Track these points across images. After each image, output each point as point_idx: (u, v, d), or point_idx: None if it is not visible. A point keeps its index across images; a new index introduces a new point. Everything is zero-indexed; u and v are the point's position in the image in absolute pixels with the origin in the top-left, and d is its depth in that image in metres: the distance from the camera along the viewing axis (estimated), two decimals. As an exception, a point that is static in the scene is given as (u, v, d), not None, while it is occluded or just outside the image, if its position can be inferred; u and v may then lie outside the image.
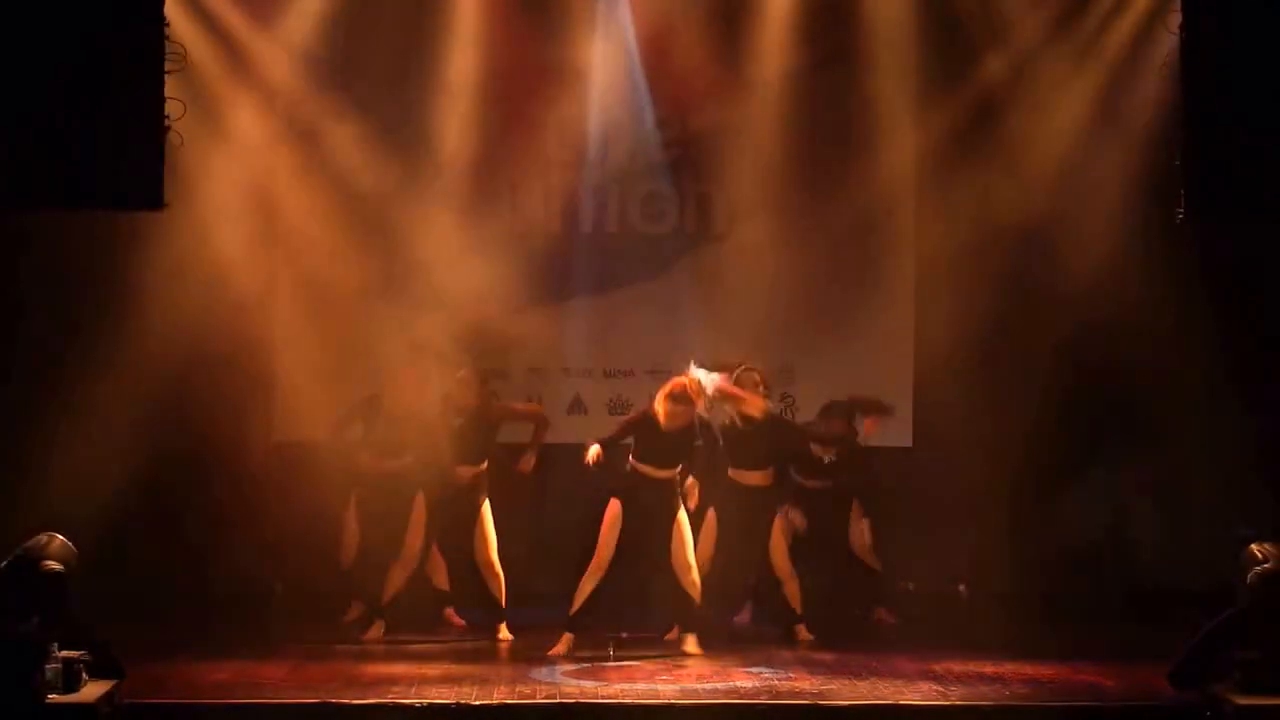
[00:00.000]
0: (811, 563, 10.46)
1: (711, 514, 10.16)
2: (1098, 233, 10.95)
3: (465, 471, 10.24)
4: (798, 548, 10.38)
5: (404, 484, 10.12)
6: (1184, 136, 8.23)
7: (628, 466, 9.79)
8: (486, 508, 10.28)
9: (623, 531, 9.74)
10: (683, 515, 9.76)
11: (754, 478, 10.12)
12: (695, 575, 9.74)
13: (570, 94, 11.51)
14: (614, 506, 9.76)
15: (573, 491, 10.82)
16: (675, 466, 9.82)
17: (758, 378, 10.06)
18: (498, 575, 10.23)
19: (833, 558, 10.73)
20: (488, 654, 9.54)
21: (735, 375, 10.00)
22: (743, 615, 10.68)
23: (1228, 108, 8.24)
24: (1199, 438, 10.63)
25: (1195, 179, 8.24)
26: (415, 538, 10.11)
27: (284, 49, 11.12)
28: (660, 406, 9.70)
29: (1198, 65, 8.24)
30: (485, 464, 10.36)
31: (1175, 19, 8.31)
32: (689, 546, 9.73)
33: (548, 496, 11.44)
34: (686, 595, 9.74)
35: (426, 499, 10.12)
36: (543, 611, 10.70)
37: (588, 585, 9.69)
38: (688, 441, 9.79)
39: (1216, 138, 8.23)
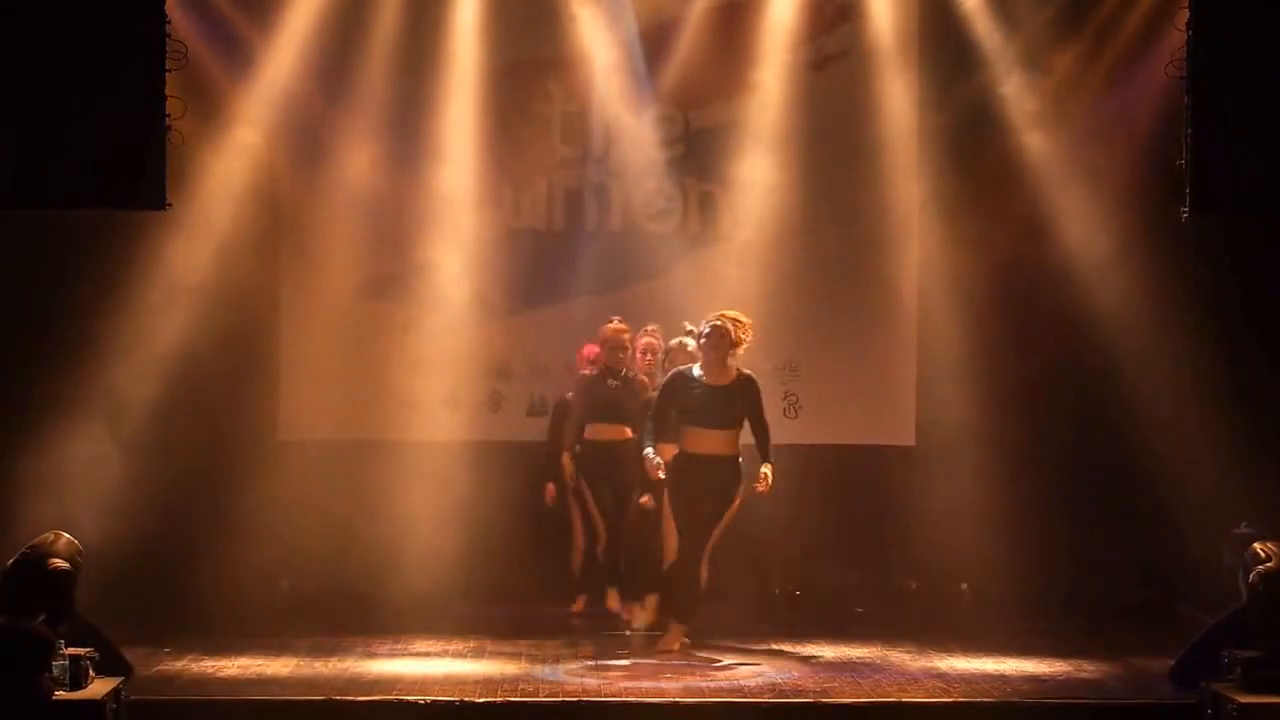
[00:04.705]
0: None
1: None
2: (1101, 230, 10.97)
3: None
4: None
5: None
6: (1190, 134, 8.22)
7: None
8: None
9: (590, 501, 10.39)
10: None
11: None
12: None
13: (573, 90, 11.52)
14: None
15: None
16: (621, 422, 10.16)
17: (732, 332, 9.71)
18: None
19: None
20: (492, 653, 9.55)
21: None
22: None
23: (1234, 106, 8.21)
24: (1202, 435, 10.62)
25: (1200, 177, 8.23)
26: None
27: (285, 46, 11.10)
28: None
29: (1205, 63, 8.21)
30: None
31: (1183, 16, 8.30)
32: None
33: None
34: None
35: None
36: (546, 610, 10.75)
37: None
38: (624, 395, 10.21)
39: (1222, 136, 8.21)
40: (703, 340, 9.54)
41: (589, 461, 10.43)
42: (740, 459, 9.50)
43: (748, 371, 9.56)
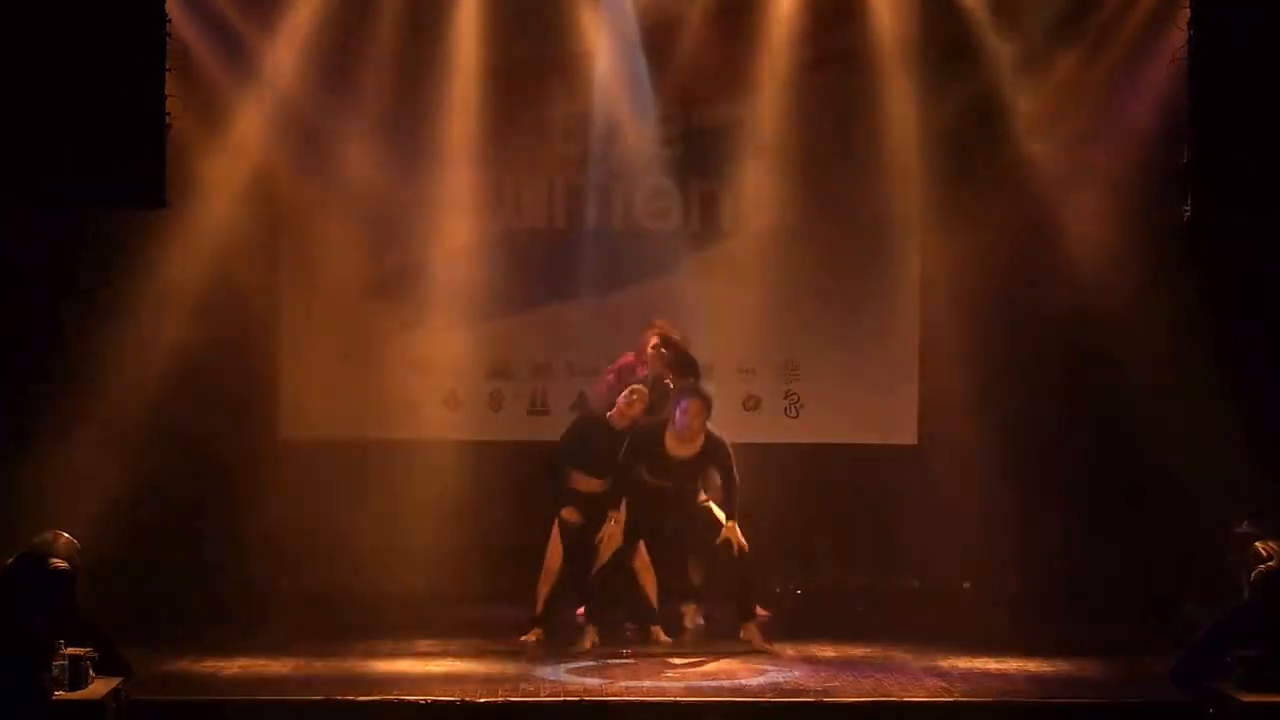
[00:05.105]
0: None
1: None
2: (1103, 229, 10.97)
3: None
4: None
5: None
6: (1191, 133, 8.22)
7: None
8: None
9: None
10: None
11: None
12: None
13: (574, 90, 11.52)
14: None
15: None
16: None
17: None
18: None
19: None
20: (493, 653, 9.54)
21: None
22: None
23: (1236, 105, 8.23)
24: (1204, 434, 10.63)
25: (1202, 176, 8.23)
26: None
27: (285, 46, 11.10)
28: None
29: (1206, 61, 8.22)
30: None
31: (1184, 15, 8.30)
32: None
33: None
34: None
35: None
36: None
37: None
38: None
39: (1224, 135, 8.22)
40: (681, 413, 9.43)
41: None
42: None
43: (716, 434, 9.56)
